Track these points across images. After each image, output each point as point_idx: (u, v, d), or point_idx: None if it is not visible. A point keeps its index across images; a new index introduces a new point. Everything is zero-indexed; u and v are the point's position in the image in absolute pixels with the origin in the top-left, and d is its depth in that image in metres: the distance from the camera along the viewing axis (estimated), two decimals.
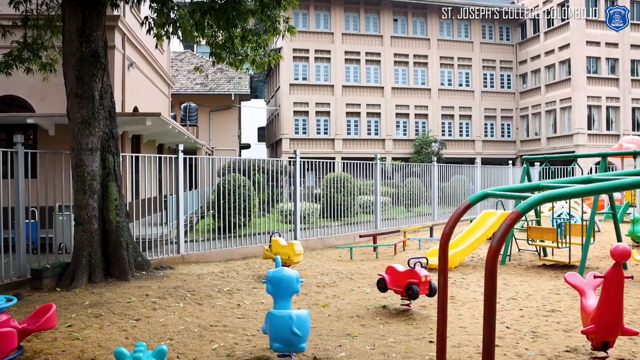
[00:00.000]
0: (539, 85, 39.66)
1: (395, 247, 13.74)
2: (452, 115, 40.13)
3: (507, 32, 42.19)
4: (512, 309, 7.67)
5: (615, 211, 11.82)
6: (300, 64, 37.40)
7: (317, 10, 37.63)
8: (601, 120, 36.73)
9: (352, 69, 38.33)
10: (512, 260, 12.38)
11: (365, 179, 17.63)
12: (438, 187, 19.98)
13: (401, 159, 34.34)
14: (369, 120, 38.44)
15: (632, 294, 8.54)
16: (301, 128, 37.27)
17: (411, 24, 39.54)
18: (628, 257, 5.03)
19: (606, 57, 36.88)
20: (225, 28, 10.41)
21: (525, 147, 40.98)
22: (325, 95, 37.45)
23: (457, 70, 40.45)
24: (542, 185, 4.26)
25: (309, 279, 9.89)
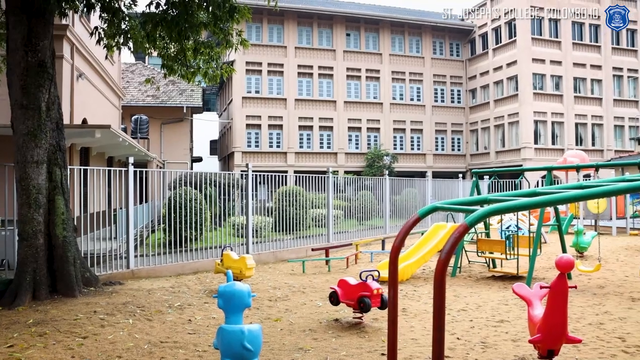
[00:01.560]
0: (488, 101, 40.67)
1: (348, 260, 13.80)
2: (404, 129, 40.69)
3: (457, 48, 43.17)
4: (463, 320, 7.80)
5: (561, 223, 12.21)
6: (253, 77, 37.34)
7: (271, 24, 37.71)
8: (547, 135, 37.88)
9: (305, 82, 38.49)
10: (463, 272, 12.60)
11: (317, 193, 17.68)
12: (390, 200, 20.19)
13: (353, 172, 34.56)
14: (322, 133, 38.62)
15: (576, 303, 8.81)
16: (254, 141, 37.15)
17: (363, 39, 40.01)
18: (572, 267, 5.20)
19: (551, 74, 38.13)
20: (178, 40, 10.33)
21: (475, 160, 41.87)
22: (278, 108, 37.47)
23: (408, 85, 41.10)
24: (489, 199, 4.37)
25: (261, 293, 9.83)
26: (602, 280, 11.17)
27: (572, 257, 5.39)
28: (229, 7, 9.91)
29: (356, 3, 42.99)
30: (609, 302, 8.99)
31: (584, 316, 7.96)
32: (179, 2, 9.67)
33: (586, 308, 8.53)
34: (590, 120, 39.15)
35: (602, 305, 8.73)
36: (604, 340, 6.67)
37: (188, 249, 13.22)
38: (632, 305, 8.74)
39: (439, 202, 4.48)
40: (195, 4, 9.79)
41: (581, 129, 39.21)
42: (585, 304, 8.82)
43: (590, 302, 9.03)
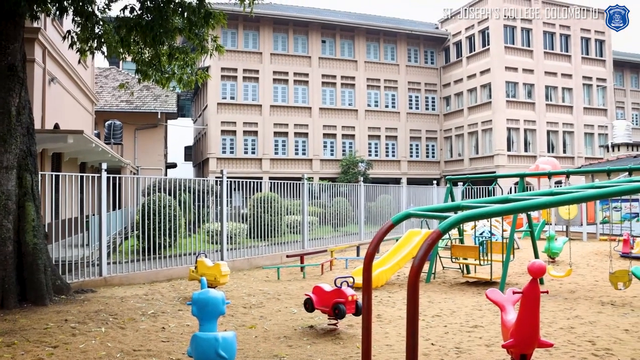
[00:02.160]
0: (462, 108, 41.10)
1: (323, 266, 13.79)
2: (379, 136, 40.90)
3: (432, 56, 43.59)
4: (437, 325, 7.84)
5: (533, 229, 12.37)
6: (228, 83, 37.22)
7: (246, 30, 37.67)
8: (519, 142, 38.39)
9: (280, 89, 38.49)
10: (437, 278, 12.67)
11: (292, 199, 17.67)
12: (365, 207, 20.25)
13: (328, 179, 34.66)
14: (297, 140, 38.63)
15: (548, 307, 8.93)
16: (229, 147, 37.00)
17: (339, 46, 40.18)
18: (544, 272, 5.27)
19: (523, 82, 38.71)
20: (152, 45, 10.25)
21: (449, 167, 42.23)
22: (253, 114, 37.39)
23: (383, 92, 41.35)
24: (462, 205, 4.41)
25: (235, 300, 9.78)
26: (573, 285, 11.34)
27: (544, 262, 5.47)
28: (204, 13, 9.88)
29: (332, 10, 43.22)
30: (580, 307, 9.13)
31: (555, 320, 8.07)
32: (153, 7, 9.61)
33: (558, 312, 8.64)
34: (561, 127, 39.80)
35: (573, 310, 8.86)
36: (575, 344, 6.77)
37: (162, 255, 13.09)
38: (602, 309, 8.89)
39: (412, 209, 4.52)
40: (170, 9, 9.73)
41: (553, 137, 39.84)
42: (557, 309, 8.94)
43: (562, 306, 9.16)
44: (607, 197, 4.40)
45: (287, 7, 39.46)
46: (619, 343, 6.86)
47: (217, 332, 4.90)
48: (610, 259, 11.21)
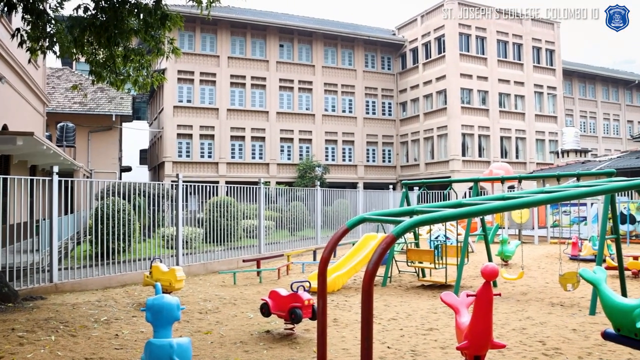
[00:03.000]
0: (418, 114, 41.64)
1: (279, 271, 13.76)
2: (336, 141, 41.09)
3: (389, 62, 44.07)
4: (393, 329, 7.91)
5: (487, 233, 12.61)
6: (185, 86, 36.83)
7: (204, 33, 37.36)
8: (474, 148, 39.13)
9: (237, 92, 38.29)
10: (393, 281, 12.79)
11: (249, 203, 17.57)
12: (321, 211, 20.29)
13: (285, 183, 34.62)
14: (254, 144, 38.47)
15: (501, 309, 9.11)
16: (185, 151, 36.58)
17: (297, 50, 40.24)
18: (496, 275, 5.37)
19: (478, 89, 39.49)
20: (107, 46, 10.04)
21: (405, 172, 42.71)
22: (209, 118, 37.08)
23: (340, 97, 41.57)
24: (416, 210, 4.47)
25: (191, 305, 9.66)
26: (525, 287, 11.60)
27: (496, 265, 5.58)
28: (161, 15, 9.73)
29: (290, 15, 43.22)
30: (531, 308, 9.35)
31: (508, 322, 8.24)
32: (108, 7, 9.42)
33: (510, 314, 8.83)
34: (514, 134, 40.73)
35: (524, 311, 9.07)
36: (526, 345, 6.93)
37: (116, 261, 12.84)
38: (552, 310, 9.13)
39: (367, 214, 4.55)
40: (126, 9, 9.55)
41: (506, 142, 40.73)
42: (510, 310, 9.13)
43: (514, 308, 9.37)
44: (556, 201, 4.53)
45: (245, 10, 39.28)
46: (567, 342, 7.06)
47: (172, 338, 4.83)
48: (559, 261, 11.55)
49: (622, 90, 52.83)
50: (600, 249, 9.31)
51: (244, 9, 39.40)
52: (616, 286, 10.02)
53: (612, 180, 5.57)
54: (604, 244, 9.81)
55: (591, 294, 9.04)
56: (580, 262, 14.21)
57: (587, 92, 50.62)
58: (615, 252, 9.97)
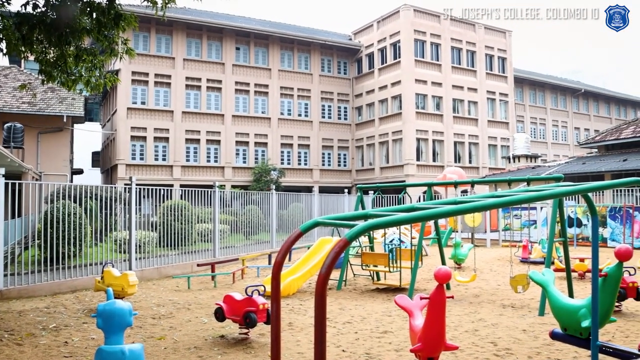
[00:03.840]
0: (373, 118, 41.99)
1: (234, 275, 13.67)
2: (291, 144, 41.07)
3: (345, 67, 44.32)
4: (348, 332, 7.94)
5: (440, 236, 12.79)
6: (139, 87, 36.23)
7: (159, 34, 36.85)
8: (428, 152, 39.67)
9: (192, 95, 37.87)
10: (348, 285, 12.85)
11: (204, 207, 17.40)
12: (277, 215, 20.25)
13: (240, 186, 34.40)
14: (209, 147, 38.13)
15: (454, 311, 9.26)
16: (138, 154, 35.97)
17: (253, 53, 40.09)
18: (449, 278, 5.46)
19: (432, 94, 40.08)
20: (57, 45, 9.78)
21: (360, 176, 42.99)
22: (164, 120, 36.57)
23: (296, 101, 41.59)
24: (369, 214, 4.50)
25: (144, 310, 9.50)
26: (477, 290, 11.82)
27: (449, 268, 5.67)
28: (114, 14, 9.54)
29: (246, 17, 43.07)
30: (483, 310, 9.54)
31: (461, 324, 8.38)
32: (59, 4, 9.18)
33: (463, 316, 8.98)
34: (467, 139, 41.48)
35: (477, 313, 9.24)
36: (479, 346, 7.06)
37: (66, 266, 12.50)
38: (503, 312, 9.33)
39: (320, 217, 4.56)
40: (78, 8, 9.33)
41: (459, 147, 41.45)
42: (462, 313, 9.29)
43: (467, 310, 9.53)
44: (505, 205, 4.63)
45: (201, 12, 38.90)
46: (517, 343, 7.22)
47: (124, 344, 4.74)
48: (510, 264, 11.81)
49: (569, 98, 54.46)
50: (548, 251, 9.56)
51: (200, 10, 39.03)
52: (564, 287, 10.31)
53: (560, 185, 5.73)
54: (553, 247, 10.08)
55: (540, 295, 9.27)
56: (530, 264, 14.55)
57: (537, 100, 51.98)
58: (563, 255, 10.26)
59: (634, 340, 7.20)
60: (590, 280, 5.35)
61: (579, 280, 12.77)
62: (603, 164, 28.29)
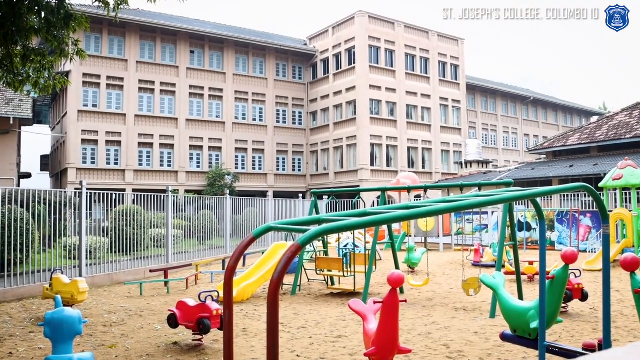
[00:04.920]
0: (328, 123, 42.16)
1: (187, 281, 13.51)
2: (246, 149, 40.87)
3: (300, 72, 44.39)
4: (302, 337, 7.94)
5: (394, 241, 12.92)
6: (90, 90, 35.46)
7: (112, 35, 36.17)
8: (382, 158, 40.06)
9: (145, 98, 37.30)
10: (302, 290, 12.85)
11: (157, 212, 17.14)
12: (231, 220, 20.11)
13: (194, 191, 34.03)
14: (162, 151, 37.59)
15: (407, 315, 9.36)
16: (90, 157, 35.17)
17: (208, 57, 39.76)
18: (402, 282, 5.53)
19: (386, 100, 40.52)
20: (3, 44, 9.48)
21: (315, 181, 43.08)
22: (116, 124, 35.88)
23: (251, 105, 41.42)
24: (322, 219, 4.52)
25: (94, 318, 9.29)
26: (430, 293, 11.98)
27: (403, 272, 5.74)
28: (64, 14, 9.31)
29: (201, 21, 42.70)
30: (436, 313, 9.67)
31: (414, 327, 8.48)
32: (4, 2, 8.91)
33: (416, 320, 9.09)
34: (420, 144, 42.08)
35: (430, 316, 9.36)
36: (432, 349, 7.15)
37: (12, 273, 12.12)
38: (456, 315, 9.49)
39: (273, 222, 4.56)
40: (25, 6, 9.06)
41: (413, 153, 42.00)
42: (416, 316, 9.40)
43: (420, 313, 9.65)
44: (456, 210, 4.72)
45: (155, 14, 38.34)
46: (469, 345, 7.35)
47: (73, 353, 4.63)
48: (462, 267, 12.02)
49: (519, 105, 55.87)
50: (499, 255, 9.77)
51: (155, 12, 38.46)
52: (514, 290, 10.55)
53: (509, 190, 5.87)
54: (503, 251, 10.31)
55: (491, 298, 9.46)
56: (481, 268, 14.84)
57: (489, 106, 53.13)
58: (513, 258, 10.50)
59: (579, 339, 7.42)
60: (539, 282, 5.55)
61: (529, 282, 13.08)
62: (551, 170, 29.11)
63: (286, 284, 13.14)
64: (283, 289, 12.77)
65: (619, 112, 32.75)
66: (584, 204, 23.59)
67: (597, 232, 20.63)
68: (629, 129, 29.60)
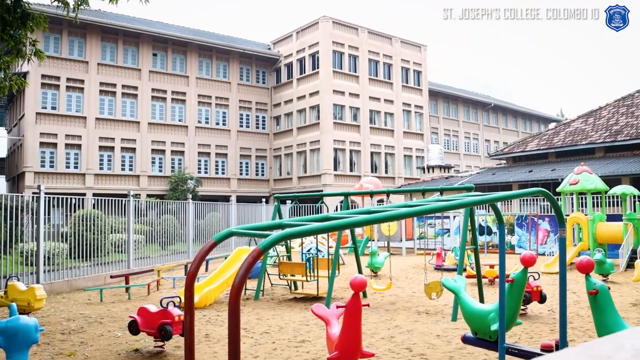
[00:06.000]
0: (292, 128, 42.15)
1: (149, 286, 13.33)
2: (209, 153, 40.56)
3: (264, 76, 44.30)
4: (265, 342, 7.91)
5: (357, 245, 12.98)
6: (49, 91, 34.70)
7: (72, 36, 35.48)
8: (345, 162, 40.22)
9: (107, 101, 36.68)
10: (266, 295, 12.80)
11: (118, 217, 16.87)
12: (193, 225, 19.93)
13: (156, 196, 33.58)
14: (124, 155, 37.02)
15: (370, 319, 9.41)
16: (48, 161, 34.40)
17: (170, 60, 39.36)
18: (365, 286, 5.56)
19: (350, 105, 40.72)
20: None
21: (278, 185, 43.00)
22: (77, 127, 35.18)
23: (214, 109, 41.15)
24: (284, 224, 4.53)
25: (52, 326, 9.08)
26: (393, 297, 12.07)
27: (365, 277, 5.77)
28: (21, 13, 9.10)
29: (164, 23, 42.24)
30: (399, 317, 9.75)
31: (377, 331, 8.52)
32: None
33: (379, 323, 9.14)
34: (383, 149, 42.40)
35: (393, 320, 9.43)
36: (395, 352, 7.20)
37: None
38: (418, 318, 9.57)
39: (235, 227, 4.55)
40: None
41: (376, 158, 42.29)
42: (379, 320, 9.45)
43: (383, 317, 9.71)
44: (418, 214, 4.77)
45: (117, 16, 37.76)
46: (432, 348, 7.43)
47: None
48: (425, 271, 12.14)
49: (480, 111, 56.81)
50: (460, 259, 9.91)
51: (117, 14, 37.89)
52: (475, 293, 10.70)
53: (470, 195, 5.96)
54: (465, 254, 10.46)
55: (453, 301, 9.58)
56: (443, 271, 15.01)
57: (451, 112, 53.89)
58: (475, 262, 10.66)
59: (538, 340, 7.57)
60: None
61: (489, 285, 13.29)
62: (511, 175, 29.67)
63: (249, 289, 13.08)
64: (246, 294, 12.71)
65: (575, 119, 33.62)
66: (543, 208, 24.12)
67: (555, 235, 21.10)
68: (584, 136, 30.42)
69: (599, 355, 1.02)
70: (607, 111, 32.24)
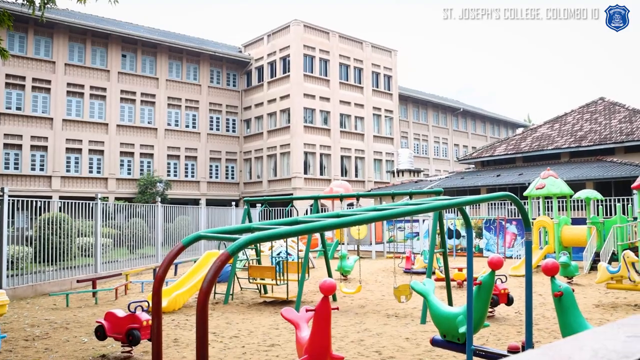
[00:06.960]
0: (262, 131, 42.06)
1: (117, 291, 13.16)
2: (178, 156, 40.23)
3: (234, 79, 44.13)
4: (235, 346, 7.87)
5: (327, 248, 13.01)
6: (14, 91, 34.01)
7: (38, 36, 34.84)
8: (316, 166, 40.26)
9: (74, 102, 36.11)
10: (235, 298, 12.74)
11: (85, 220, 16.61)
12: (162, 228, 19.73)
13: (125, 199, 33.13)
14: (91, 157, 36.47)
15: (340, 322, 9.43)
16: (13, 163, 33.69)
17: (140, 62, 38.94)
18: (334, 290, 5.57)
19: (320, 109, 40.79)
20: None
21: (248, 189, 42.84)
22: (42, 128, 34.55)
23: (184, 112, 40.83)
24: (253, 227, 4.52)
25: (15, 332, 8.89)
26: (363, 300, 12.11)
27: (335, 280, 5.78)
28: None
29: (134, 24, 41.78)
30: (369, 320, 9.79)
31: (347, 334, 8.55)
32: None
33: (349, 327, 9.17)
34: (354, 153, 42.57)
35: (362, 323, 9.47)
36: (364, 355, 7.23)
37: None
38: (387, 322, 9.63)
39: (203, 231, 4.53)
40: None
41: (346, 161, 42.43)
42: (348, 323, 9.48)
43: (353, 321, 9.74)
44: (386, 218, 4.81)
45: (85, 15, 37.20)
46: (401, 350, 7.48)
47: None
48: (394, 275, 12.22)
49: (449, 116, 57.46)
50: (429, 262, 10.00)
51: (85, 14, 37.33)
52: (444, 296, 10.81)
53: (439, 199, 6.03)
54: (434, 257, 10.56)
55: (422, 304, 9.66)
56: (413, 275, 15.14)
57: (420, 117, 54.37)
58: (443, 265, 10.77)
59: (505, 342, 7.67)
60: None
61: (458, 288, 13.44)
62: (479, 179, 30.05)
63: (219, 292, 13.00)
64: (215, 298, 12.62)
65: (541, 125, 34.24)
66: (510, 212, 24.48)
67: (522, 239, 21.43)
68: (550, 141, 31.00)
69: (560, 356, 1.06)
70: (572, 117, 32.92)
